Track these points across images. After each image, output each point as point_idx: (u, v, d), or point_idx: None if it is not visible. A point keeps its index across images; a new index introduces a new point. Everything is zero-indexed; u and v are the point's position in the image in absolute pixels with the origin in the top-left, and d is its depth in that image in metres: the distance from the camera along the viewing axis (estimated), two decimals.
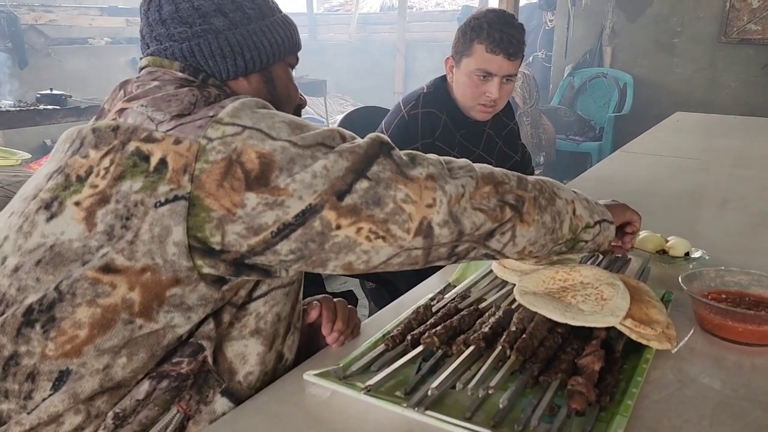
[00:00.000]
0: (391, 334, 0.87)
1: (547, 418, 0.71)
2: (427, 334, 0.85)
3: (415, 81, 6.40)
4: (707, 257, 1.22)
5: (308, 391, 0.78)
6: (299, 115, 0.95)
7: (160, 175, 0.68)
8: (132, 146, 0.70)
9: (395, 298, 1.08)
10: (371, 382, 0.76)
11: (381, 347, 0.85)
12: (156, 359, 0.72)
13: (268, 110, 0.74)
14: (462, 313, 0.91)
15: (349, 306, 0.94)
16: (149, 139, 0.70)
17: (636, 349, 0.85)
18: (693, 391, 0.79)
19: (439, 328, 0.86)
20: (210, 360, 0.74)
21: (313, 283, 1.19)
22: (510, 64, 1.60)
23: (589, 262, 1.11)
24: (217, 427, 0.73)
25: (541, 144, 4.39)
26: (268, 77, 0.89)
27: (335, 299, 0.93)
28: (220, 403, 0.76)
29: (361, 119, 2.03)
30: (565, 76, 4.90)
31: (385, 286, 1.66)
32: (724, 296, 0.97)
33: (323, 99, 5.86)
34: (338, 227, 0.69)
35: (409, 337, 0.86)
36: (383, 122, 1.74)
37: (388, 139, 0.75)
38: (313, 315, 0.90)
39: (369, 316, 1.60)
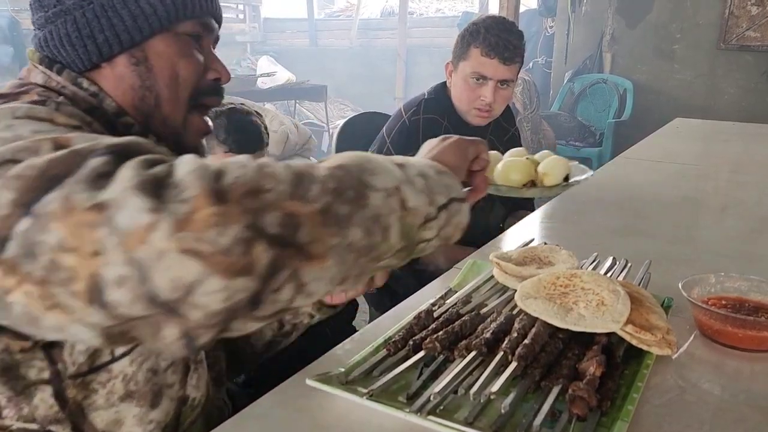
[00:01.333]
0: (393, 339, 0.88)
1: (548, 423, 0.71)
2: (428, 339, 0.85)
3: (415, 86, 6.42)
4: (591, 174, 1.14)
5: (310, 395, 0.78)
6: (216, 92, 0.82)
7: None
8: None
9: (396, 304, 1.08)
10: (373, 387, 0.76)
11: (383, 352, 0.86)
12: None
13: (7, 125, 0.55)
14: (463, 318, 0.92)
15: None
16: None
17: (636, 354, 0.86)
18: (693, 397, 0.80)
19: (440, 333, 0.86)
20: None
21: None
22: (505, 68, 1.61)
23: (590, 268, 1.11)
24: None
25: (542, 149, 4.40)
26: (140, 58, 0.75)
27: None
28: None
29: (362, 125, 2.04)
30: (565, 82, 4.92)
31: (386, 291, 1.66)
32: (724, 302, 0.98)
33: (324, 104, 5.87)
34: (7, 291, 0.44)
35: (410, 343, 0.86)
36: (384, 128, 1.75)
37: (121, 143, 0.49)
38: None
39: (369, 321, 1.61)
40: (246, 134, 1.42)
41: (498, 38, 1.58)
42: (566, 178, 1.10)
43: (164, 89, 0.75)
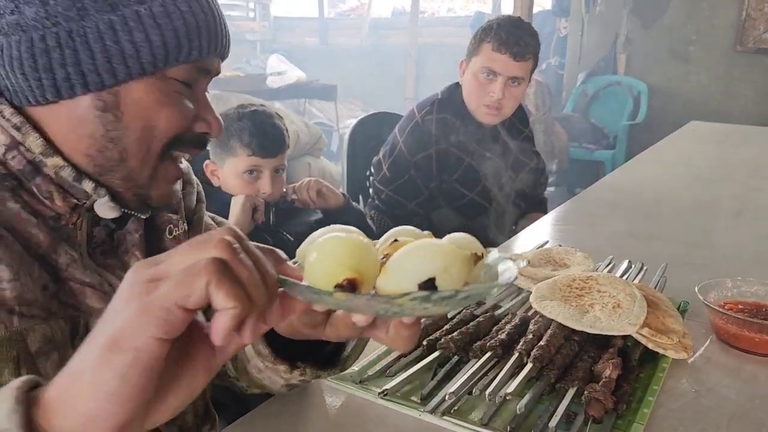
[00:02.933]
0: None
1: (563, 425, 0.71)
2: (443, 339, 0.85)
3: (426, 86, 6.41)
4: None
5: (324, 393, 0.79)
6: (199, 145, 0.67)
7: None
8: None
9: None
10: (388, 386, 0.76)
11: (396, 352, 0.86)
12: None
13: None
14: (478, 319, 0.92)
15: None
16: None
17: (652, 357, 0.85)
18: (709, 401, 0.79)
19: (455, 334, 0.86)
20: None
21: None
22: (516, 65, 1.60)
23: (605, 271, 1.11)
24: (232, 430, 0.74)
25: (554, 152, 4.38)
26: (109, 103, 0.59)
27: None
28: None
29: (373, 125, 2.04)
30: (578, 83, 4.89)
31: None
32: (740, 306, 0.97)
33: (334, 104, 5.88)
34: None
35: (425, 343, 0.86)
36: (396, 128, 1.75)
37: None
38: None
39: None
40: (269, 137, 1.43)
41: (509, 34, 1.58)
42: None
43: (133, 143, 0.61)
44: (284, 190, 1.52)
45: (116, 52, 0.57)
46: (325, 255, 0.45)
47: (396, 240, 0.48)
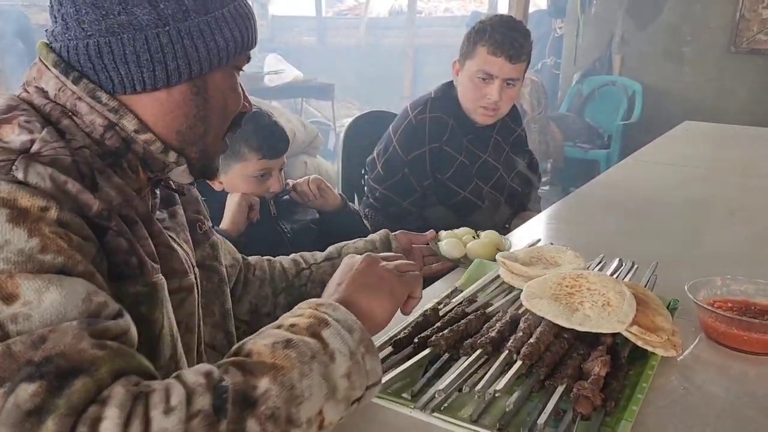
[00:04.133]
0: (399, 336, 0.88)
1: (552, 422, 0.72)
2: (434, 337, 0.86)
3: (423, 86, 6.41)
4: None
5: None
6: (239, 123, 0.81)
7: None
8: None
9: None
10: None
11: (388, 349, 0.86)
12: None
13: None
14: (469, 317, 0.92)
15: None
16: None
17: (642, 355, 0.86)
18: (697, 398, 0.80)
19: (446, 331, 0.87)
20: None
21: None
22: (511, 67, 1.61)
23: (596, 269, 1.12)
24: None
25: (549, 151, 4.39)
26: (201, 88, 0.72)
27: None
28: None
29: (368, 124, 2.04)
30: (573, 83, 4.90)
31: None
32: (729, 305, 0.98)
33: (331, 103, 5.88)
34: None
35: (416, 340, 0.87)
36: (390, 127, 1.76)
37: (59, 354, 0.50)
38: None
39: None
40: (276, 138, 1.43)
41: (504, 36, 1.59)
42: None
43: (215, 121, 0.75)
44: (285, 184, 1.53)
45: (213, 45, 0.70)
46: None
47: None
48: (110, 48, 0.67)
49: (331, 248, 1.17)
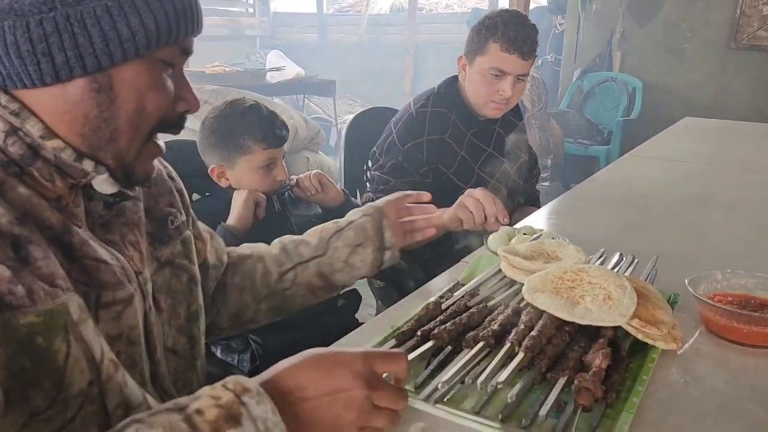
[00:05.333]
0: (402, 329, 0.89)
1: (554, 414, 0.72)
2: (437, 330, 0.86)
3: (423, 83, 6.41)
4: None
5: None
6: (177, 125, 0.70)
7: None
8: None
9: (403, 297, 1.10)
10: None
11: (391, 342, 0.87)
12: None
13: None
14: (471, 310, 0.93)
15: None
16: None
17: (642, 348, 0.87)
18: (698, 391, 0.81)
19: (448, 324, 0.88)
20: None
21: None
22: (523, 63, 1.62)
23: (597, 263, 1.12)
24: None
25: (549, 147, 4.39)
26: (103, 84, 0.62)
27: None
28: None
29: (370, 120, 2.05)
30: (574, 79, 4.90)
31: (394, 285, 1.67)
32: (730, 299, 0.99)
33: (332, 99, 5.88)
34: None
35: (419, 333, 0.88)
36: (392, 120, 1.77)
37: None
38: None
39: (376, 314, 1.62)
40: (276, 126, 1.44)
41: (517, 33, 1.59)
42: None
43: (124, 124, 0.64)
44: (288, 181, 1.54)
45: (113, 35, 0.60)
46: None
47: None
48: None
49: (316, 241, 1.07)
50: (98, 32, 0.59)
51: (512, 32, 1.59)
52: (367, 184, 1.84)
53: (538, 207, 1.86)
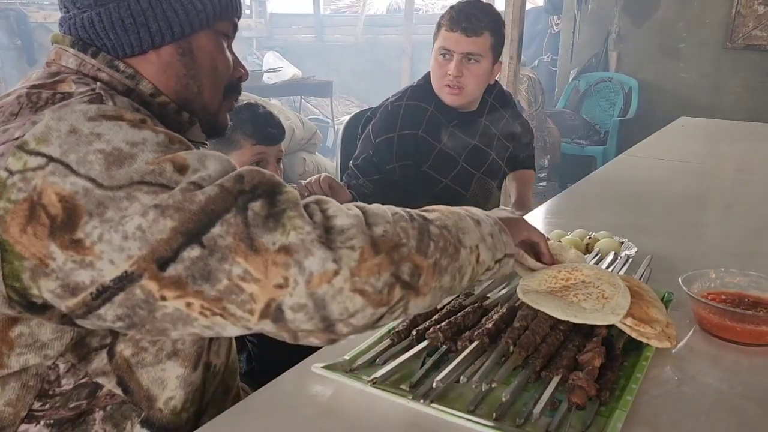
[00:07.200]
0: (397, 329, 0.89)
1: (548, 412, 0.73)
2: (432, 329, 0.87)
3: None
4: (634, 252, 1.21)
5: (315, 382, 0.80)
6: (237, 90, 0.89)
7: None
8: None
9: None
10: (377, 375, 0.78)
11: (386, 342, 0.87)
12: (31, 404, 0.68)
13: (92, 132, 0.60)
14: (466, 309, 0.93)
15: None
16: None
17: (636, 347, 0.87)
18: (691, 389, 0.81)
19: (443, 324, 0.88)
20: (120, 391, 0.72)
21: None
22: (468, 41, 1.61)
23: (592, 262, 1.13)
24: (225, 419, 0.75)
25: (546, 147, 4.41)
26: (186, 49, 0.79)
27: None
28: None
29: (367, 121, 2.05)
30: (570, 80, 4.91)
31: None
32: (723, 297, 0.99)
33: (329, 100, 5.89)
34: (163, 298, 0.57)
35: (414, 333, 0.88)
36: (374, 111, 1.78)
37: (259, 182, 0.62)
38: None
39: None
40: (268, 124, 1.44)
41: (459, 12, 1.61)
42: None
43: (206, 80, 0.81)
44: (294, 185, 1.54)
45: (191, 8, 0.77)
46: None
47: None
48: (100, 17, 0.74)
49: None
50: (180, 6, 0.76)
51: (455, 12, 1.61)
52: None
53: (533, 169, 1.85)
